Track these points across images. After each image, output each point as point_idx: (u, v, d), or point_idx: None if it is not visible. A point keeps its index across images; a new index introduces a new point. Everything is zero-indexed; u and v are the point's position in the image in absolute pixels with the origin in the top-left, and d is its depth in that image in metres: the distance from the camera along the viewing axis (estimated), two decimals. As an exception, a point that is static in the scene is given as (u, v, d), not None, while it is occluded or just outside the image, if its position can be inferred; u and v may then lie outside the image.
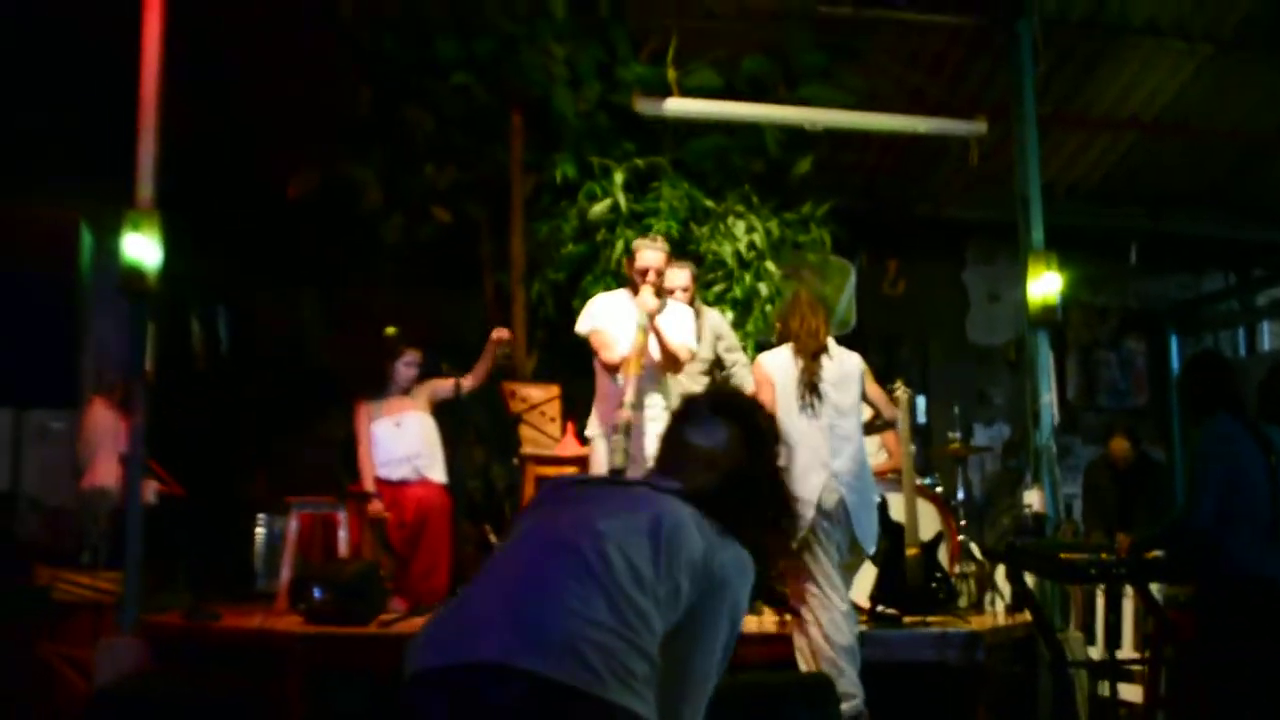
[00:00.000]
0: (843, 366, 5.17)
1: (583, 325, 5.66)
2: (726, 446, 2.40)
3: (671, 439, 2.49)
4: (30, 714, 6.08)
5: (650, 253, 5.54)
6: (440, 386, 6.62)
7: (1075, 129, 9.09)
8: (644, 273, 5.48)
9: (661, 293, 5.52)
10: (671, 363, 5.51)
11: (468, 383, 6.49)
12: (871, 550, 5.09)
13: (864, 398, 5.22)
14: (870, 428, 5.35)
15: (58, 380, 5.37)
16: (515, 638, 1.98)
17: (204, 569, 7.05)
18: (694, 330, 5.77)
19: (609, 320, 5.60)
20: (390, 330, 6.68)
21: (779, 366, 5.11)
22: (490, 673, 1.95)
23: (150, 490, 5.96)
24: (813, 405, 5.03)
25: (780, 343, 5.24)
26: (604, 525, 2.14)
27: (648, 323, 5.39)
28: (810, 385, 5.05)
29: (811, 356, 5.10)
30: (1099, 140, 9.34)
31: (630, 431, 5.11)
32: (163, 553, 6.34)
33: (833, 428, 4.98)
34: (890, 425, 5.58)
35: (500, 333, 6.65)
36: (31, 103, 7.69)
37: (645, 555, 2.11)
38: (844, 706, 4.47)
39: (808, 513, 4.75)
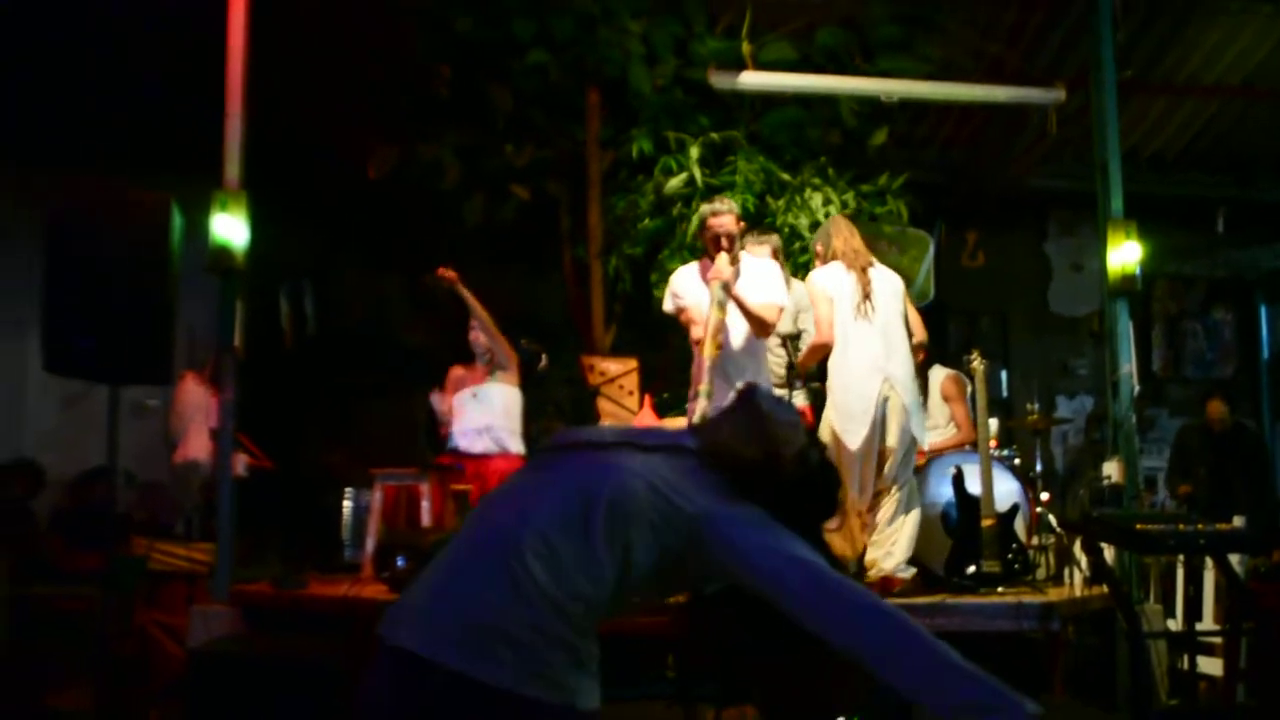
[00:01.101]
0: (889, 282, 5.63)
1: (667, 304, 5.67)
2: (784, 435, 2.28)
3: (746, 403, 2.36)
4: (128, 677, 6.32)
5: (716, 217, 5.43)
6: (498, 357, 6.71)
7: (1159, 95, 8.94)
8: (714, 240, 5.41)
9: (736, 256, 5.44)
10: (759, 327, 5.36)
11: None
12: (925, 443, 5.77)
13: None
14: None
15: (151, 358, 5.51)
16: (436, 631, 2.03)
17: (293, 539, 7.25)
18: (781, 284, 5.54)
19: (691, 295, 5.60)
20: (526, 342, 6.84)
21: (833, 281, 5.56)
22: (417, 663, 2.02)
23: (241, 464, 6.15)
24: (867, 314, 5.48)
25: (824, 263, 5.68)
26: (536, 510, 2.13)
27: (724, 295, 5.36)
28: (865, 295, 5.51)
29: (861, 270, 5.54)
30: (1184, 106, 9.19)
31: None
32: (253, 524, 6.52)
33: (885, 334, 5.44)
34: (921, 346, 6.03)
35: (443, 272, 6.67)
36: (125, 89, 7.92)
37: (575, 535, 2.08)
38: None
39: (869, 413, 5.35)
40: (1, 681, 5.93)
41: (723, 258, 5.35)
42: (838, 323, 5.50)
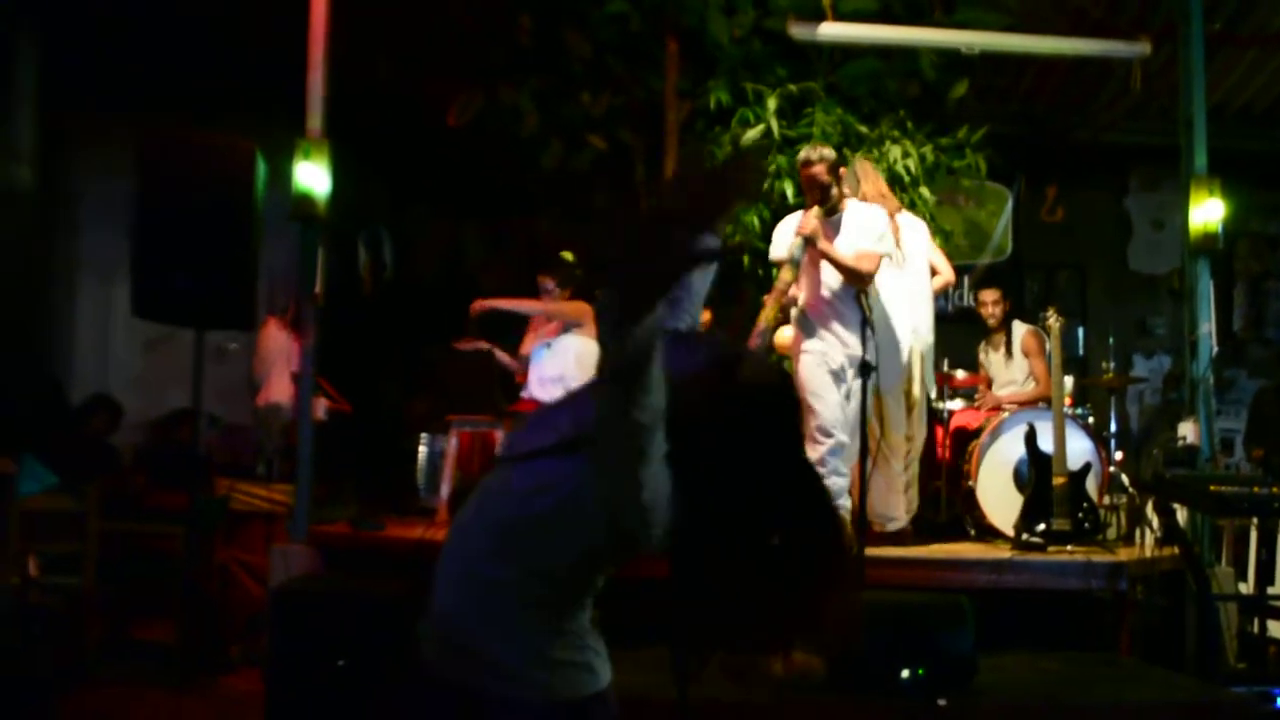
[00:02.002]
0: (917, 230, 5.79)
1: (771, 252, 5.72)
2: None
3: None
4: (209, 613, 6.51)
5: (806, 167, 5.41)
6: (564, 309, 6.78)
7: (1248, 47, 8.73)
8: (810, 189, 5.40)
9: (834, 206, 5.40)
10: (852, 278, 5.31)
11: None
12: (933, 391, 6.06)
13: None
14: None
15: (235, 303, 5.66)
16: (438, 600, 2.07)
17: (370, 483, 7.39)
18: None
19: (777, 247, 5.59)
20: (567, 255, 6.88)
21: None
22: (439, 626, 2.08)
23: (320, 407, 6.27)
24: (899, 263, 5.58)
25: None
26: (492, 481, 2.10)
27: (800, 253, 5.36)
28: (896, 242, 5.59)
29: (890, 217, 5.56)
30: (1273, 59, 8.95)
31: None
32: (332, 467, 6.67)
33: (914, 284, 5.53)
34: (949, 285, 5.97)
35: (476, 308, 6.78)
36: (211, 38, 8.04)
37: (511, 499, 2.01)
38: None
39: (898, 369, 5.50)
40: (90, 614, 6.13)
41: (812, 212, 5.34)
42: None
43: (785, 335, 6.04)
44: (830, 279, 5.42)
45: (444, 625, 2.06)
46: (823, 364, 5.41)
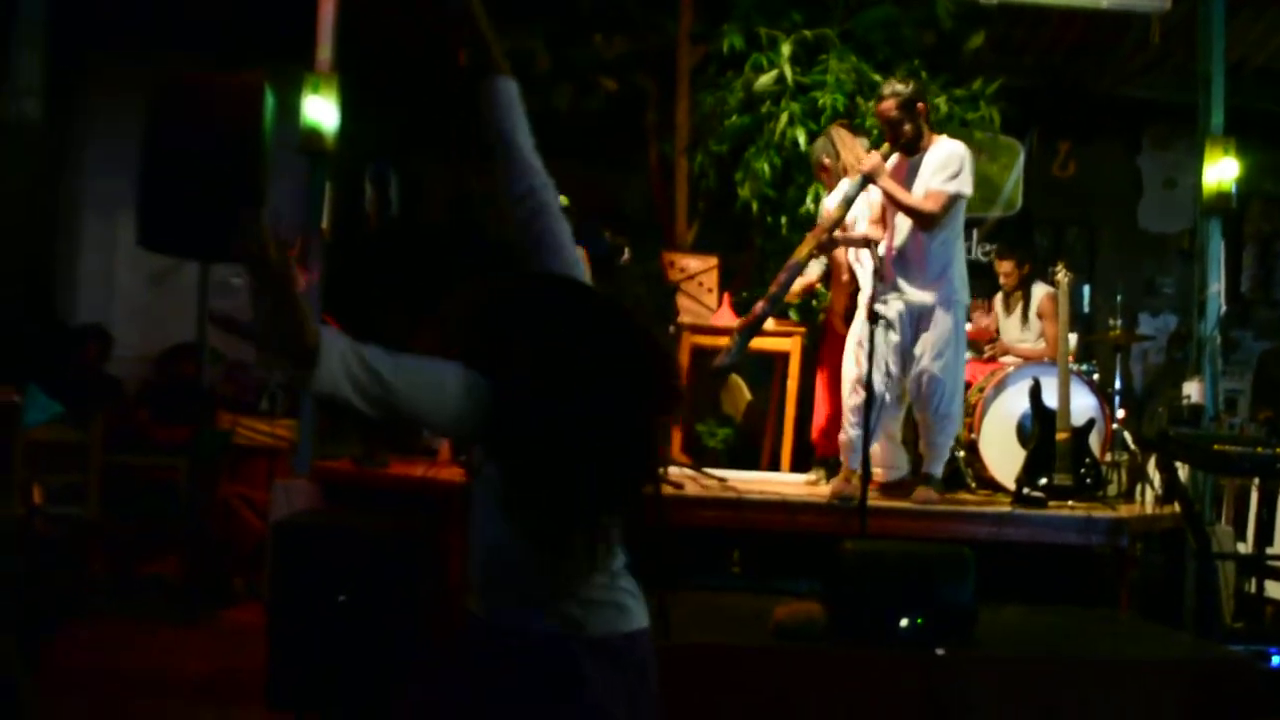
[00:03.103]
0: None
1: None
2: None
3: None
4: (212, 548, 6.54)
5: (878, 99, 5.32)
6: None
7: (1270, 5, 8.63)
8: (883, 125, 5.30)
9: (913, 145, 5.27)
10: (918, 220, 5.19)
11: None
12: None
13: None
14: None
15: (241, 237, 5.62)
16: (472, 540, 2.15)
17: (373, 420, 7.39)
18: (956, 169, 5.21)
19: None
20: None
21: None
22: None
23: (325, 343, 6.26)
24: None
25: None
26: None
27: (856, 191, 5.28)
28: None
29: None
30: (1295, 17, 8.86)
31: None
32: (336, 403, 6.66)
33: (902, 253, 5.32)
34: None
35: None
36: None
37: None
38: None
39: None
40: (93, 546, 6.16)
41: (880, 150, 5.27)
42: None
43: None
44: (901, 222, 5.36)
45: (483, 557, 2.10)
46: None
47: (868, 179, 5.19)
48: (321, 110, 5.92)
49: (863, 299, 5.41)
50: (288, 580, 4.75)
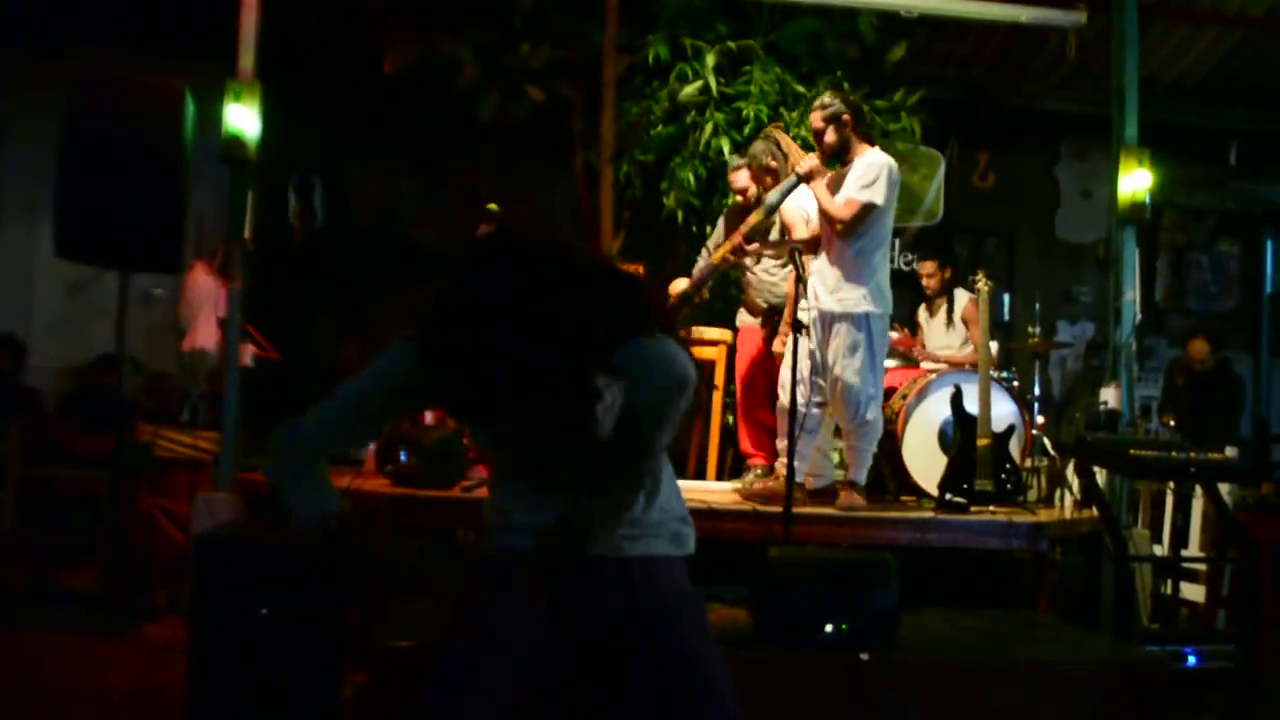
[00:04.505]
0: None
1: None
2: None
3: None
4: (132, 560, 6.43)
5: (812, 113, 5.43)
6: None
7: (1181, 22, 8.84)
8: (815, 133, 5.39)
9: (834, 157, 5.34)
10: (837, 229, 5.24)
11: None
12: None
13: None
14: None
15: (162, 246, 5.54)
16: None
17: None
18: (872, 178, 5.23)
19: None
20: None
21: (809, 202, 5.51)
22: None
23: (248, 354, 6.20)
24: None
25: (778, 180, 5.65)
26: None
27: (778, 199, 5.35)
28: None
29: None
30: (1205, 35, 9.08)
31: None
32: (258, 414, 6.59)
33: (837, 253, 5.35)
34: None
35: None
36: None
37: None
38: None
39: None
40: (11, 560, 6.03)
41: (812, 155, 5.30)
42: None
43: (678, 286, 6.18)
44: (827, 230, 5.42)
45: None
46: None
47: (803, 179, 5.25)
48: (243, 118, 5.85)
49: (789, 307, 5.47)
50: (209, 594, 4.67)
